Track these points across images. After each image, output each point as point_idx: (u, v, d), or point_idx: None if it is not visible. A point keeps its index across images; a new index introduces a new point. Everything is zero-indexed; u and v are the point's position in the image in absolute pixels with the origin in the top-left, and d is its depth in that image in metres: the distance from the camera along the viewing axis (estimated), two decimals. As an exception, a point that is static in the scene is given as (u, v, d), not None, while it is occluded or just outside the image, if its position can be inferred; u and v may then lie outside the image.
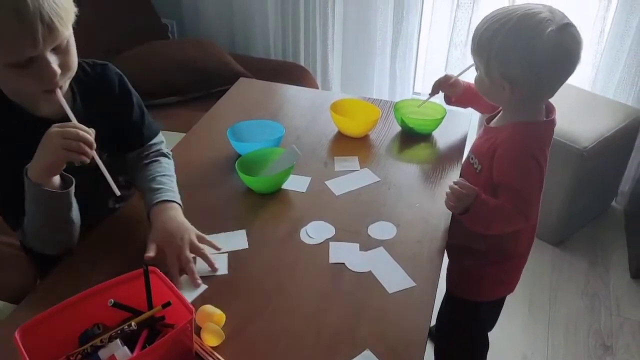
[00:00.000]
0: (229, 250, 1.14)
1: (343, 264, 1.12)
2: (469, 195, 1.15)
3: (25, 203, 1.02)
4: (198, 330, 0.95)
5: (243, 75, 2.26)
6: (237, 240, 1.17)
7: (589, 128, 2.11)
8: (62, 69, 0.95)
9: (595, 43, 2.29)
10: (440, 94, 1.51)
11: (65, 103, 0.98)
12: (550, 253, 2.26)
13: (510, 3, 2.35)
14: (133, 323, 0.87)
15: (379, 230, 1.21)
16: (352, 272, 1.10)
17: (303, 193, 1.32)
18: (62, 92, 0.98)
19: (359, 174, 1.39)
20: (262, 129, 1.48)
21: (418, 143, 1.54)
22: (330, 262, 1.13)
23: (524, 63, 1.10)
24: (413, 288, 1.07)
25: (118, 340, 0.85)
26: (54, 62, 0.93)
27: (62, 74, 0.96)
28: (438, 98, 1.52)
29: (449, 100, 1.51)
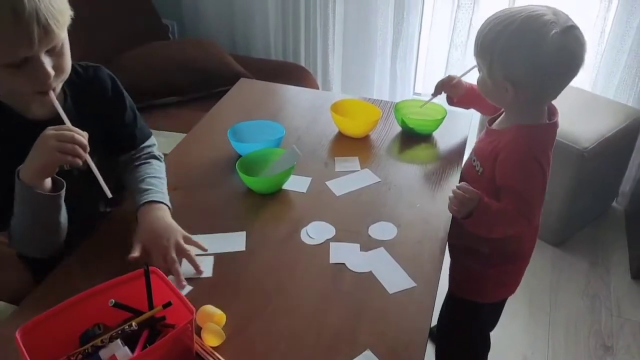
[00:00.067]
0: (225, 252, 1.14)
1: (343, 264, 1.12)
2: (472, 199, 1.14)
3: (14, 205, 1.01)
4: (198, 331, 0.95)
5: (243, 76, 2.26)
6: (235, 242, 1.17)
7: (590, 128, 2.10)
8: (55, 71, 0.95)
9: (596, 44, 2.29)
10: (443, 95, 1.50)
11: (59, 105, 0.98)
12: (551, 253, 2.26)
13: (511, 4, 2.35)
14: (134, 323, 0.87)
15: (380, 231, 1.21)
16: (352, 272, 1.10)
17: (303, 193, 1.32)
18: (55, 93, 0.98)
19: (360, 175, 1.39)
20: (262, 130, 1.48)
21: (418, 143, 1.54)
22: (331, 262, 1.13)
23: (528, 65, 1.09)
24: (413, 288, 1.07)
25: (119, 341, 0.85)
26: (48, 63, 0.94)
27: (55, 76, 0.96)
28: (440, 99, 1.52)
29: (451, 101, 1.50)
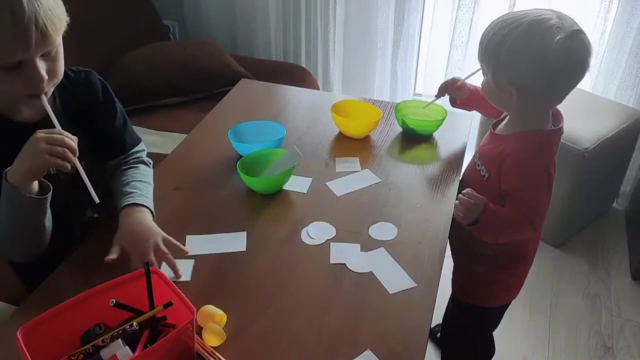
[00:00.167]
0: (226, 252, 1.14)
1: (344, 265, 1.12)
2: (478, 206, 1.13)
3: None
4: (199, 331, 0.95)
5: (244, 76, 2.26)
6: (236, 242, 1.17)
7: (590, 129, 2.10)
8: (49, 75, 0.95)
9: (597, 44, 2.29)
10: (446, 96, 1.49)
11: (50, 109, 0.98)
12: (551, 254, 2.26)
13: (511, 5, 2.35)
14: (135, 323, 0.87)
15: (380, 231, 1.21)
16: (353, 272, 1.11)
17: (304, 194, 1.33)
18: (46, 97, 0.98)
19: (360, 175, 1.39)
20: (263, 130, 1.48)
21: (419, 144, 1.54)
22: (331, 262, 1.13)
23: (533, 69, 1.08)
24: (414, 288, 1.07)
25: (120, 340, 0.85)
26: (42, 67, 0.94)
27: (48, 80, 0.96)
28: (441, 99, 1.51)
29: (454, 103, 1.49)
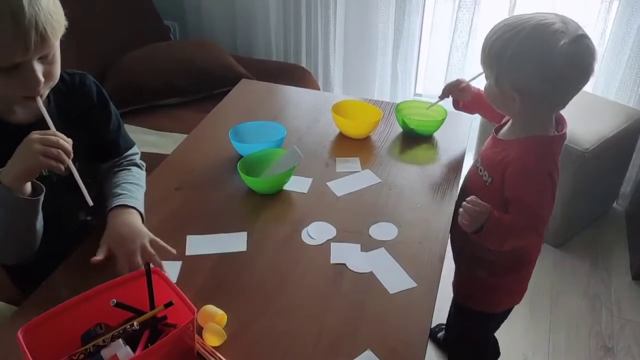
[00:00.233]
0: (226, 252, 1.14)
1: (344, 265, 1.12)
2: (483, 213, 1.12)
3: None
4: (200, 330, 0.95)
5: (245, 77, 2.26)
6: (237, 242, 1.17)
7: (591, 130, 2.10)
8: (45, 78, 0.96)
9: (597, 45, 2.26)
10: (449, 98, 1.48)
11: (45, 111, 0.98)
12: (552, 255, 2.26)
13: (512, 5, 2.35)
14: (135, 323, 0.87)
15: (380, 231, 1.21)
16: (353, 272, 1.11)
17: (304, 194, 1.33)
18: (41, 99, 0.98)
19: (361, 175, 1.40)
20: (263, 130, 1.48)
21: (419, 144, 1.54)
22: (332, 262, 1.13)
23: (536, 74, 1.07)
24: (414, 289, 1.07)
25: (120, 340, 0.86)
26: (39, 70, 0.94)
27: (44, 83, 0.96)
28: (445, 101, 1.50)
29: (457, 105, 1.48)
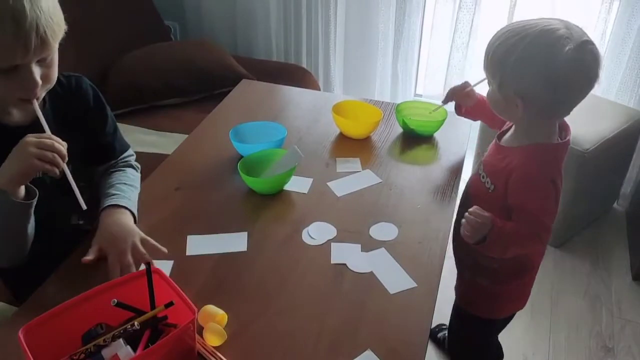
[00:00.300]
0: (227, 252, 1.15)
1: (344, 265, 1.12)
2: (485, 225, 1.10)
3: None
4: (200, 330, 0.95)
5: (245, 77, 2.26)
6: (237, 242, 1.17)
7: (591, 130, 2.10)
8: (43, 81, 0.96)
9: (597, 45, 2.28)
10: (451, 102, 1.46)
11: (41, 113, 0.98)
12: (552, 255, 2.26)
13: (512, 6, 2.35)
14: (136, 323, 0.87)
15: (381, 231, 1.21)
16: (353, 272, 1.11)
17: (305, 194, 1.33)
18: (37, 102, 0.99)
19: (361, 175, 1.40)
20: (264, 131, 1.48)
21: (420, 145, 1.54)
22: (332, 262, 1.13)
23: (540, 80, 1.05)
24: (414, 289, 1.07)
25: (121, 340, 0.86)
26: (37, 73, 0.94)
27: (42, 86, 0.97)
28: (448, 105, 1.48)
29: (460, 111, 1.45)
